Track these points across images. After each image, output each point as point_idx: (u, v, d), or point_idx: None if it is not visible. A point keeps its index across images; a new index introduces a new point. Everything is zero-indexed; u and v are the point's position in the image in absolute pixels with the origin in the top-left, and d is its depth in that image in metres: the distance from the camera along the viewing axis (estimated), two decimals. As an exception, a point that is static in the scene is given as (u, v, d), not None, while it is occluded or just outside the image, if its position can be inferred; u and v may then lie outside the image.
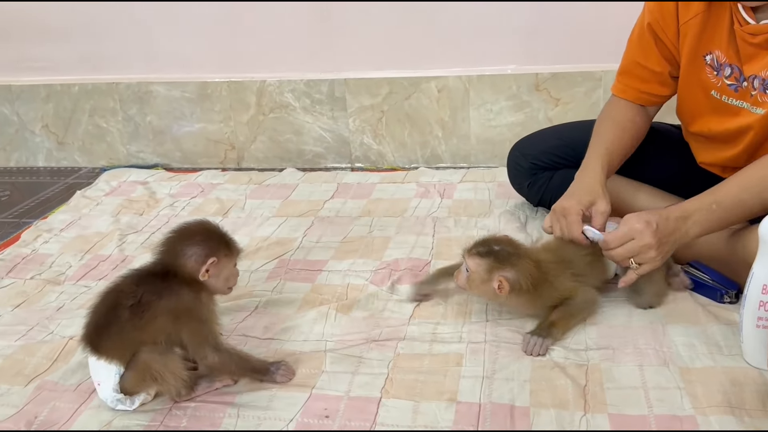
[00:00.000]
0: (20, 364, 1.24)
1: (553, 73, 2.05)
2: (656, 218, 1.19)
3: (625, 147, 1.43)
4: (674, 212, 1.21)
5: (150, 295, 1.06)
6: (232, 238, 1.18)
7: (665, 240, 1.20)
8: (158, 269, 1.11)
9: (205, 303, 1.11)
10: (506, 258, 1.21)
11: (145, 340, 1.06)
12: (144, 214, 1.89)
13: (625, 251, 1.21)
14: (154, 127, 2.31)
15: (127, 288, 1.08)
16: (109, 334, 1.06)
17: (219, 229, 1.17)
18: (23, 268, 1.62)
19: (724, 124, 1.33)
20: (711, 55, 1.31)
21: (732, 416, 1.00)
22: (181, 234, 1.15)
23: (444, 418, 1.04)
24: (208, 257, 1.11)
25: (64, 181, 2.26)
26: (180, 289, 1.08)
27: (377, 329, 1.27)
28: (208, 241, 1.13)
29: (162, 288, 1.08)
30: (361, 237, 1.67)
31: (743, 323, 1.11)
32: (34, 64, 2.34)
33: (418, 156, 2.20)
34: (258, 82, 2.21)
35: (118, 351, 1.06)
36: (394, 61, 2.14)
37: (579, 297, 1.24)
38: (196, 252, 1.11)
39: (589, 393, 1.07)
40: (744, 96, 1.28)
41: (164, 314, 1.06)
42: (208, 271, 1.11)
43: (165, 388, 1.08)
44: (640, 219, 1.20)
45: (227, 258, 1.14)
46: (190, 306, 1.08)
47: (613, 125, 1.44)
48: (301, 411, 1.07)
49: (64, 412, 1.11)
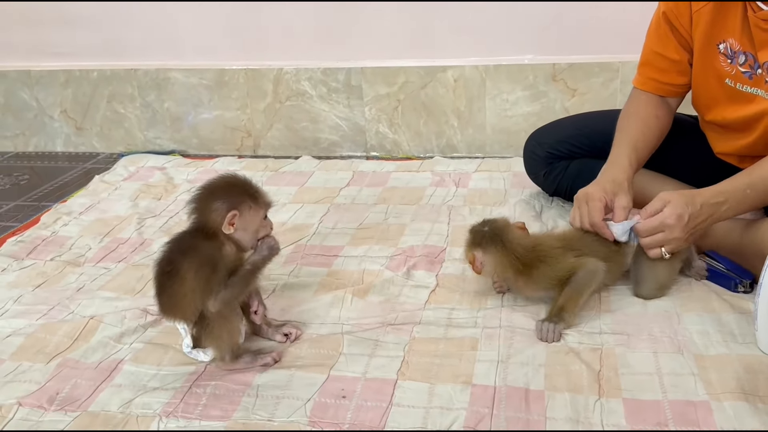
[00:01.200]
0: (42, 342, 1.26)
1: (570, 64, 2.05)
2: (689, 210, 1.22)
3: (650, 143, 1.43)
4: (709, 198, 1.23)
5: (179, 256, 1.11)
6: (260, 189, 1.17)
7: (695, 230, 1.24)
8: (191, 228, 1.15)
9: (226, 256, 1.13)
10: (481, 238, 1.25)
11: (187, 298, 1.10)
12: (162, 198, 1.91)
13: (654, 242, 1.24)
14: (171, 114, 2.33)
15: (165, 257, 1.13)
16: (163, 300, 1.12)
17: (244, 181, 1.17)
18: (43, 249, 1.64)
19: (739, 112, 1.33)
20: (724, 43, 1.31)
21: (746, 402, 1.01)
22: (206, 189, 1.16)
23: (459, 400, 1.05)
24: (229, 211, 1.12)
25: (82, 166, 2.28)
26: (203, 245, 1.11)
27: (393, 313, 1.29)
28: (229, 194, 1.14)
29: (187, 247, 1.12)
30: (376, 224, 1.68)
31: (758, 311, 1.11)
32: (54, 49, 2.36)
33: (433, 145, 2.21)
34: (275, 69, 2.22)
35: (176, 313, 1.13)
36: (410, 50, 2.15)
37: (581, 270, 1.24)
38: (220, 207, 1.12)
39: (604, 378, 1.08)
40: (758, 83, 1.29)
41: (190, 271, 1.09)
42: (233, 225, 1.12)
43: (218, 348, 1.13)
44: (673, 212, 1.22)
45: (252, 210, 1.15)
46: (210, 258, 1.11)
47: (637, 121, 1.44)
48: (319, 391, 1.09)
49: (86, 389, 1.13)
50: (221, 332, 1.12)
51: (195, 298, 1.10)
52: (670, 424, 0.99)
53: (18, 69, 2.38)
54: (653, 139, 1.44)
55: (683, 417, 1.00)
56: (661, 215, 1.23)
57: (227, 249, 1.14)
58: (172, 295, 1.10)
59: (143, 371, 1.16)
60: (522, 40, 2.09)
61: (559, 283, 1.24)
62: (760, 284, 1.10)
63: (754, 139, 1.34)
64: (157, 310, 1.15)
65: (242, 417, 1.05)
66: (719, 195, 1.24)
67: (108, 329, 1.28)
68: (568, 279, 1.24)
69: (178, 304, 1.11)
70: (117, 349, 1.22)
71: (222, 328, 1.12)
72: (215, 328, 1.12)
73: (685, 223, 1.22)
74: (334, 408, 1.06)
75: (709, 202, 1.23)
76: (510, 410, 1.03)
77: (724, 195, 1.24)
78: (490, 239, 1.25)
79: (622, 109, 1.49)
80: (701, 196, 1.24)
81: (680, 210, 1.22)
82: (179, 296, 1.10)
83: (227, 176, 1.20)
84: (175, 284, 1.09)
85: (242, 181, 1.18)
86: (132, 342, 1.24)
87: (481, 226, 1.27)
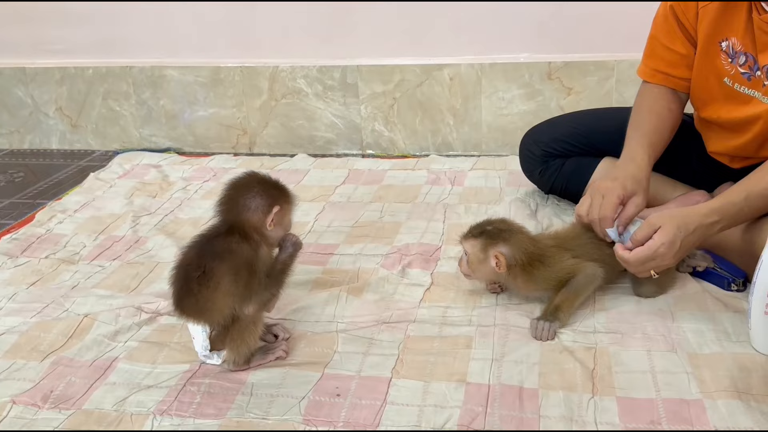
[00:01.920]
0: (36, 340, 1.26)
1: (566, 62, 2.05)
2: (681, 236, 1.18)
3: (664, 137, 1.41)
4: (703, 218, 1.20)
5: (212, 261, 1.07)
6: (288, 186, 1.17)
7: (684, 251, 1.22)
8: (221, 229, 1.11)
9: (263, 257, 1.11)
10: (498, 234, 1.24)
11: (219, 302, 1.07)
12: (157, 196, 1.91)
13: (644, 269, 1.22)
14: (167, 111, 2.32)
15: (193, 260, 1.09)
16: (188, 303, 1.08)
17: (273, 179, 1.16)
18: (38, 247, 1.64)
19: (734, 113, 1.33)
20: (727, 41, 1.31)
21: (739, 401, 1.01)
22: (239, 188, 1.14)
23: (453, 398, 1.06)
24: (272, 207, 1.11)
25: (77, 164, 2.27)
26: (239, 248, 1.09)
27: (388, 312, 1.29)
28: (269, 190, 1.13)
29: (223, 251, 1.08)
30: (372, 222, 1.68)
31: (751, 310, 1.11)
32: (49, 46, 2.36)
33: (429, 143, 2.21)
34: (271, 67, 2.22)
35: (200, 316, 1.10)
36: (406, 49, 2.15)
37: (581, 274, 1.24)
38: (261, 204, 1.11)
39: (598, 376, 1.09)
40: (756, 85, 1.29)
41: (227, 275, 1.07)
42: (273, 221, 1.11)
43: (236, 352, 1.12)
44: (664, 240, 1.17)
45: (288, 205, 1.15)
46: (248, 261, 1.09)
47: (651, 116, 1.41)
48: (313, 389, 1.09)
49: (80, 387, 1.13)
50: (246, 336, 1.11)
51: (228, 303, 1.08)
52: (664, 422, 0.99)
53: (13, 66, 2.38)
54: (667, 133, 1.42)
55: (677, 415, 1.00)
56: (652, 244, 1.18)
57: (263, 250, 1.12)
58: (201, 299, 1.07)
59: (138, 369, 1.16)
60: (518, 38, 2.09)
61: (558, 284, 1.25)
62: (754, 283, 1.10)
63: (747, 141, 1.33)
64: (175, 308, 1.11)
65: (236, 415, 1.05)
66: (713, 214, 1.20)
67: (102, 327, 1.27)
68: (567, 280, 1.24)
69: (208, 309, 1.08)
70: (111, 347, 1.22)
71: (248, 332, 1.11)
72: (242, 333, 1.10)
73: (677, 249, 1.19)
74: (328, 406, 1.06)
75: (703, 223, 1.20)
76: (504, 408, 1.03)
77: (718, 213, 1.20)
78: (509, 233, 1.24)
79: (635, 104, 1.47)
80: (695, 217, 1.20)
81: (671, 237, 1.18)
82: (210, 301, 1.07)
83: (254, 174, 1.17)
84: (207, 289, 1.06)
85: (271, 179, 1.16)
86: (126, 340, 1.24)
87: (486, 226, 1.26)
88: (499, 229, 1.25)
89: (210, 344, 1.14)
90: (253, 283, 1.09)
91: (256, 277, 1.09)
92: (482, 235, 1.25)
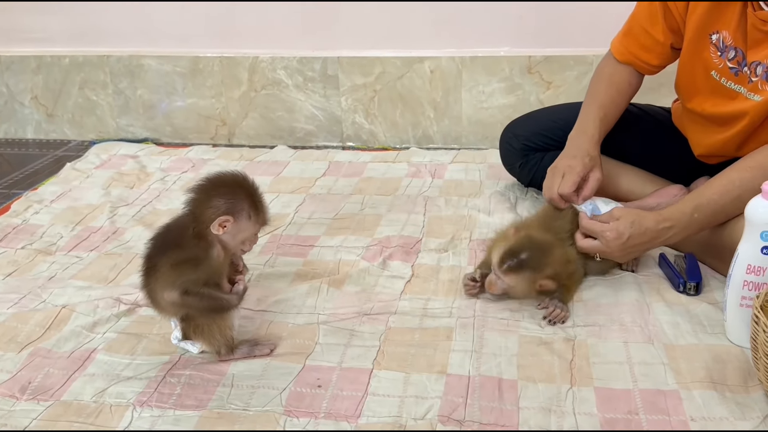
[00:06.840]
0: (13, 331, 1.24)
1: (546, 56, 2.06)
2: (631, 231, 1.25)
3: (619, 108, 1.48)
4: (655, 223, 1.26)
5: (158, 255, 1.09)
6: (264, 203, 1.12)
7: (632, 249, 1.28)
8: (180, 221, 1.10)
9: (213, 258, 1.08)
10: (539, 262, 1.22)
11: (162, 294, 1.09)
12: (134, 187, 1.89)
13: (590, 247, 1.29)
14: (144, 101, 2.30)
15: (148, 252, 1.11)
16: (150, 295, 1.11)
17: (252, 186, 1.11)
18: (14, 237, 1.62)
19: (719, 107, 1.34)
20: (718, 34, 1.30)
21: (714, 391, 1.03)
22: (209, 183, 1.11)
23: (434, 389, 1.06)
24: (225, 214, 1.07)
25: (53, 154, 2.25)
26: (188, 243, 1.07)
27: (369, 303, 1.29)
28: (233, 196, 1.08)
29: (170, 244, 1.09)
30: (352, 214, 1.68)
31: (727, 302, 1.13)
32: (25, 35, 2.32)
33: (409, 136, 2.21)
34: (251, 58, 2.20)
35: (154, 306, 1.12)
36: (387, 41, 2.15)
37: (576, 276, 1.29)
38: (218, 205, 1.07)
39: (576, 367, 1.10)
40: (742, 81, 1.29)
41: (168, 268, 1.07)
42: (224, 227, 1.07)
43: (209, 343, 1.12)
44: (615, 228, 1.25)
45: (250, 222, 1.10)
46: (194, 258, 1.07)
47: (609, 86, 1.47)
48: (295, 380, 1.09)
49: (58, 378, 1.12)
50: (211, 329, 1.11)
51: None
52: (641, 412, 1.01)
53: (-13, 54, 2.34)
54: (623, 104, 1.49)
55: (653, 405, 1.02)
56: (603, 226, 1.27)
57: (217, 252, 1.09)
58: (150, 291, 1.10)
59: (117, 360, 1.16)
60: (498, 32, 2.09)
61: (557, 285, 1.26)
62: (730, 275, 1.12)
63: (730, 136, 1.34)
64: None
65: (217, 406, 1.05)
66: (666, 221, 1.26)
67: (80, 318, 1.26)
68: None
69: (156, 300, 1.10)
70: (90, 339, 1.21)
71: (217, 324, 1.11)
72: (210, 324, 1.11)
73: (624, 242, 1.25)
74: (309, 397, 1.06)
75: (654, 228, 1.25)
76: (484, 399, 1.04)
77: (671, 221, 1.25)
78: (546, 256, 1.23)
79: (597, 68, 1.51)
80: (649, 220, 1.26)
81: (622, 229, 1.25)
82: (155, 292, 1.09)
83: (237, 175, 1.12)
84: (154, 281, 1.08)
85: (250, 186, 1.11)
86: (105, 331, 1.23)
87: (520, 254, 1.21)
88: (538, 257, 1.22)
89: (182, 334, 1.14)
90: (190, 276, 1.06)
91: (196, 273, 1.07)
92: (526, 269, 1.21)
